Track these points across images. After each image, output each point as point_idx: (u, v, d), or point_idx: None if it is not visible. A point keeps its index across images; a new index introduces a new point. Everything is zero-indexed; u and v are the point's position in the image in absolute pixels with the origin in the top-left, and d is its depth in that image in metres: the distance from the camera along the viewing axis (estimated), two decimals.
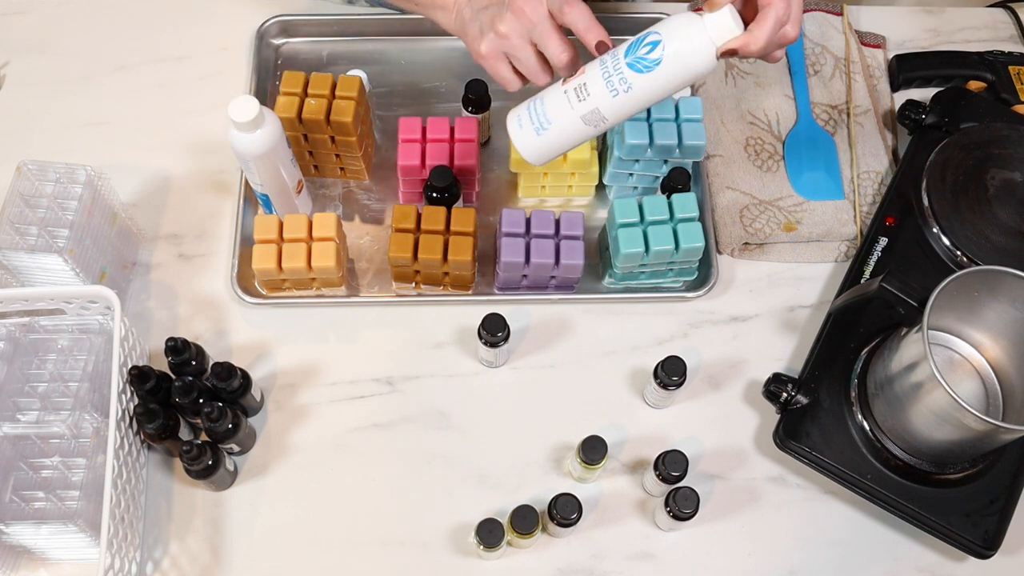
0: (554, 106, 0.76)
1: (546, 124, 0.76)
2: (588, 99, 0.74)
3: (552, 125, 0.76)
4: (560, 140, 0.77)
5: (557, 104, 0.75)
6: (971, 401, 0.76)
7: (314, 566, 0.86)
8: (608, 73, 0.73)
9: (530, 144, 0.77)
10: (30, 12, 1.15)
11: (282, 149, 0.91)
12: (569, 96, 0.75)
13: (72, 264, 0.88)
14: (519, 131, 0.77)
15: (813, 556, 0.88)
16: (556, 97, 0.76)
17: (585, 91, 0.74)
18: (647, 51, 0.72)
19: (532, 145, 0.77)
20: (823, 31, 1.12)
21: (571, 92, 0.75)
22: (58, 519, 0.83)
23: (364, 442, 0.92)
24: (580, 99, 0.74)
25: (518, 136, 0.77)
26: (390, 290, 0.99)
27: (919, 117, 1.04)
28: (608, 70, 0.73)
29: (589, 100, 0.74)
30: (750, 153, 1.05)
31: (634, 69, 0.72)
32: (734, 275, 1.01)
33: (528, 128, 0.77)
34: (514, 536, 0.82)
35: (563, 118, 0.75)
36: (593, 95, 0.74)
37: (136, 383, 0.85)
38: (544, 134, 0.76)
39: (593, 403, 0.94)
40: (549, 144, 0.77)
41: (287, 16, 1.12)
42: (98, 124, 1.08)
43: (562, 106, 0.75)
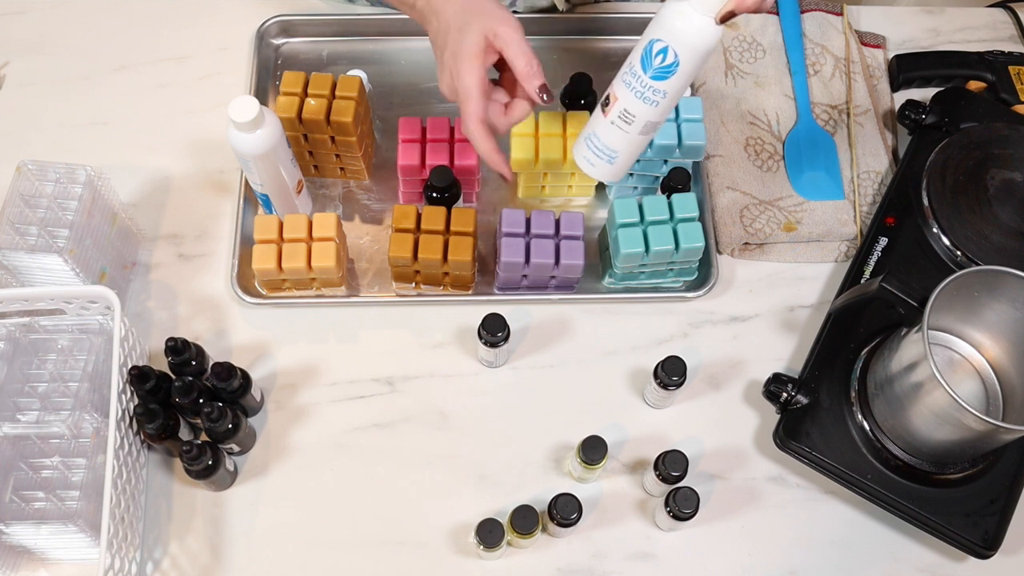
0: (611, 137, 0.82)
1: (613, 155, 0.83)
2: (636, 119, 0.80)
3: (619, 152, 0.83)
4: (630, 156, 0.84)
5: (612, 135, 0.82)
6: (971, 401, 0.76)
7: (314, 566, 0.86)
8: (640, 92, 0.78)
9: (608, 173, 0.85)
10: (30, 12, 1.15)
11: (282, 149, 0.91)
12: (618, 124, 0.81)
13: (72, 264, 0.88)
14: (594, 168, 0.85)
15: (813, 556, 0.88)
16: (608, 129, 0.82)
17: (629, 115, 0.80)
18: (661, 60, 0.76)
19: (610, 172, 0.85)
20: (823, 31, 1.12)
21: (618, 121, 0.81)
22: (58, 519, 0.83)
23: (364, 442, 0.92)
24: (629, 123, 0.80)
25: (595, 172, 0.85)
26: (390, 290, 0.99)
27: (919, 117, 1.04)
28: (639, 89, 0.78)
29: (637, 119, 0.80)
30: (750, 153, 1.05)
31: (660, 79, 0.77)
32: (734, 275, 1.01)
33: (601, 163, 0.84)
34: (514, 536, 0.82)
35: (624, 142, 0.82)
36: (638, 114, 0.80)
37: (136, 383, 0.85)
38: (616, 161, 0.84)
39: (593, 403, 0.94)
40: (622, 164, 0.85)
41: (287, 16, 1.12)
42: (98, 124, 1.08)
43: (618, 135, 0.82)
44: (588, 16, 1.13)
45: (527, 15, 1.12)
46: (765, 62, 1.10)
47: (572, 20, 1.13)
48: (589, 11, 1.14)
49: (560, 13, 1.13)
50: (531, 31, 1.10)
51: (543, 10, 1.13)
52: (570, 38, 1.14)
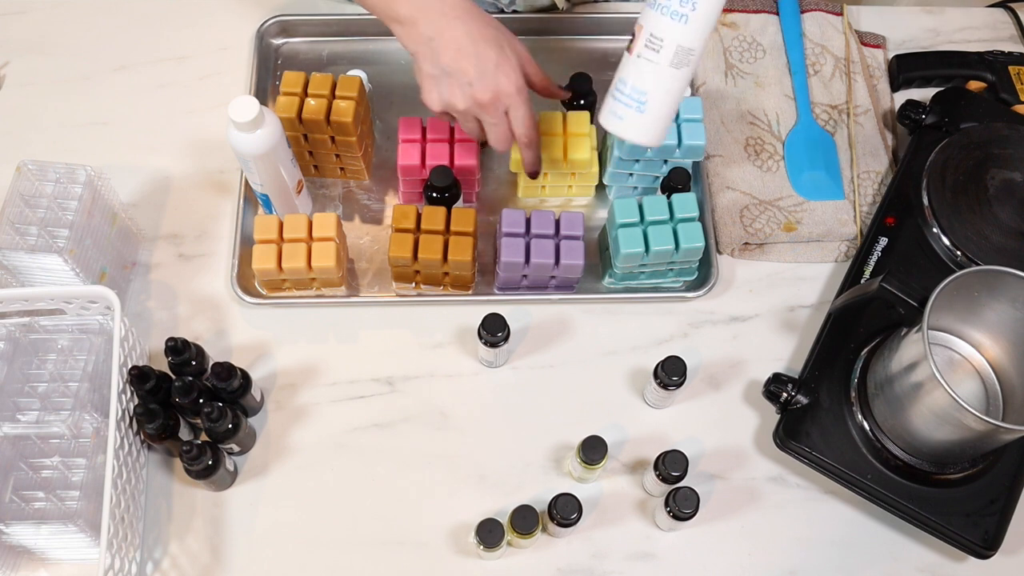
0: (638, 76, 0.72)
1: (643, 97, 0.72)
2: (664, 43, 0.70)
3: (648, 94, 0.72)
4: (664, 102, 0.73)
5: (640, 72, 0.71)
6: (971, 401, 0.76)
7: (314, 566, 0.86)
8: (666, 7, 0.69)
9: (639, 125, 0.73)
10: (30, 12, 1.15)
11: (282, 149, 0.91)
12: (646, 56, 0.71)
13: (72, 264, 0.88)
14: (622, 123, 0.73)
15: (813, 556, 0.88)
16: (635, 67, 0.71)
17: (657, 39, 0.70)
18: None
19: (642, 125, 0.73)
20: (823, 31, 1.12)
21: (645, 51, 0.71)
22: (58, 519, 0.83)
23: (364, 442, 0.92)
24: (657, 50, 0.71)
25: (623, 128, 0.73)
26: (390, 290, 0.99)
27: (919, 117, 1.04)
28: (664, 5, 0.69)
29: (666, 43, 0.70)
30: (750, 153, 1.05)
31: None
32: (734, 275, 1.01)
33: (629, 113, 0.72)
34: (514, 536, 0.82)
35: (654, 79, 0.72)
36: (666, 36, 0.70)
37: (136, 383, 0.85)
38: (647, 108, 0.72)
39: (593, 403, 0.94)
40: (655, 114, 0.73)
41: (287, 16, 1.12)
42: (98, 124, 1.08)
43: (646, 70, 0.71)
44: (588, 16, 1.13)
45: (527, 15, 1.13)
46: (765, 62, 1.10)
47: (572, 20, 1.13)
48: (589, 11, 1.14)
49: (560, 13, 1.13)
50: (531, 31, 1.11)
51: (543, 10, 1.13)
52: (570, 38, 1.14)
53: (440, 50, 0.84)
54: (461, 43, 0.83)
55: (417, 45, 0.86)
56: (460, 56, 0.83)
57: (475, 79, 0.83)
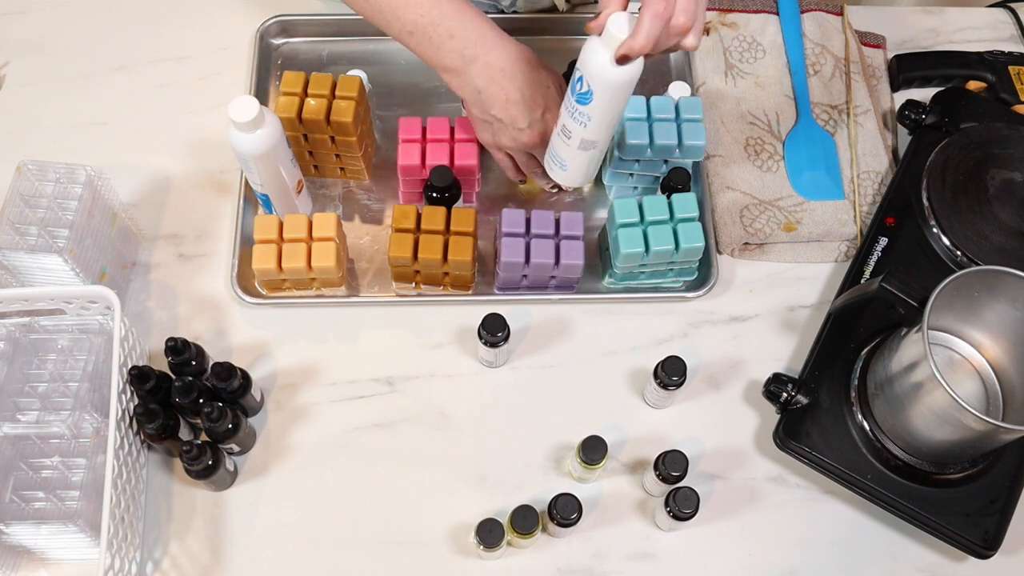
0: (558, 148, 0.88)
1: (563, 163, 0.88)
2: (572, 135, 0.84)
3: (567, 161, 0.88)
4: (580, 167, 0.89)
5: (559, 145, 0.87)
6: (971, 401, 0.76)
7: (314, 566, 0.86)
8: (571, 112, 0.83)
9: (563, 177, 0.91)
10: (30, 12, 1.15)
11: (282, 149, 0.91)
12: (561, 138, 0.86)
13: (72, 264, 0.88)
14: (553, 172, 0.91)
15: (813, 556, 0.88)
16: (556, 140, 0.88)
17: (567, 131, 0.85)
18: (579, 87, 0.80)
19: (566, 177, 0.90)
20: (823, 31, 1.12)
21: (560, 135, 0.86)
22: (58, 519, 0.83)
23: (364, 442, 0.92)
24: (568, 137, 0.85)
25: (554, 175, 0.91)
26: (390, 290, 0.99)
27: (919, 117, 1.04)
28: (570, 110, 0.83)
29: (573, 136, 0.84)
30: (750, 153, 1.05)
31: (581, 103, 0.81)
32: (734, 275, 1.01)
33: (556, 169, 0.90)
34: (514, 536, 0.82)
35: (569, 154, 0.87)
36: (572, 132, 0.84)
37: (136, 383, 0.85)
38: (568, 169, 0.89)
39: (593, 403, 0.94)
40: (574, 172, 0.89)
41: (287, 16, 1.12)
42: (98, 124, 1.08)
43: (563, 146, 0.87)
44: (588, 16, 1.13)
45: (527, 15, 1.12)
46: (765, 62, 1.10)
47: (572, 20, 1.13)
48: (589, 11, 1.14)
49: (560, 13, 1.13)
50: (531, 31, 1.11)
51: (543, 10, 1.13)
52: (570, 38, 1.14)
53: (489, 101, 0.89)
54: (510, 94, 0.88)
55: (466, 93, 0.91)
56: (509, 106, 0.89)
57: (525, 127, 0.90)
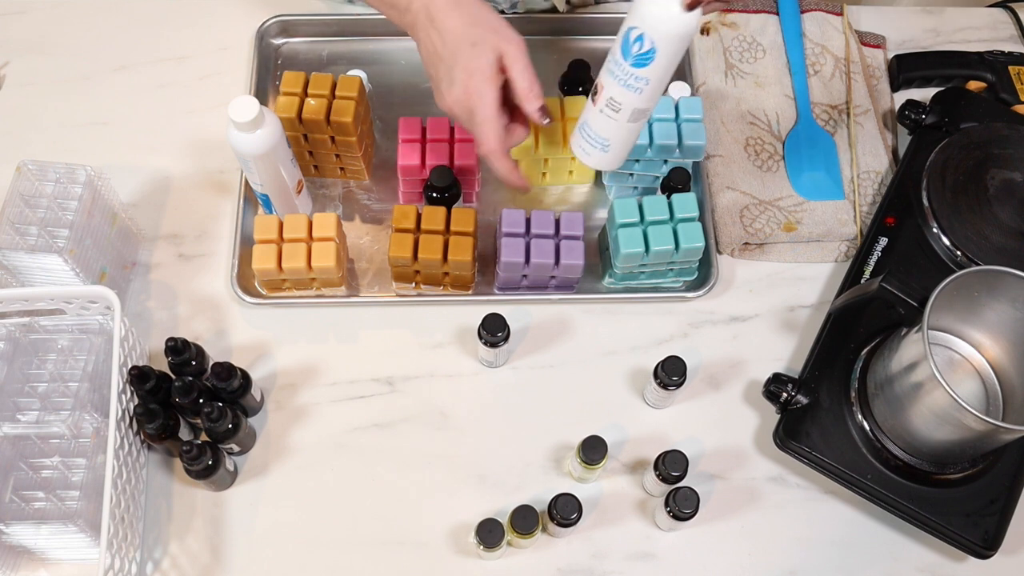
0: (601, 126, 0.83)
1: (606, 143, 0.84)
2: (622, 107, 0.80)
3: (611, 140, 0.84)
4: (623, 144, 0.85)
5: (602, 124, 0.83)
6: (971, 401, 0.76)
7: (314, 566, 0.86)
8: (623, 80, 0.78)
9: (604, 160, 0.86)
10: (30, 12, 1.15)
11: (282, 149, 0.91)
12: (607, 113, 0.81)
13: (72, 264, 0.88)
14: (589, 157, 0.86)
15: (813, 556, 0.88)
16: (597, 119, 0.83)
17: (615, 103, 0.80)
18: (639, 48, 0.76)
19: (606, 160, 0.86)
20: (823, 31, 1.12)
21: (606, 110, 0.81)
22: (58, 519, 0.83)
23: (364, 442, 0.92)
24: (617, 111, 0.80)
25: (592, 161, 0.86)
26: (390, 290, 0.99)
27: (919, 117, 1.04)
28: (621, 77, 0.78)
29: (624, 107, 0.80)
30: (750, 153, 1.05)
31: (639, 66, 0.77)
32: (734, 275, 1.01)
33: (595, 152, 0.85)
34: (514, 536, 0.82)
35: (614, 131, 0.83)
36: (623, 103, 0.80)
37: (136, 383, 0.85)
38: (610, 149, 0.84)
39: (593, 403, 0.94)
40: (617, 151, 0.85)
41: (287, 16, 1.12)
42: (98, 124, 1.08)
43: (607, 123, 0.82)
44: (588, 16, 1.13)
45: (527, 15, 1.12)
46: (765, 62, 1.10)
47: (572, 20, 1.13)
48: (589, 11, 1.14)
49: (560, 13, 1.13)
50: (531, 31, 1.11)
51: (543, 10, 1.13)
52: (570, 38, 1.14)
53: (420, 52, 0.83)
54: (436, 45, 0.81)
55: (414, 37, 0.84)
56: (432, 60, 0.82)
57: (444, 90, 0.82)
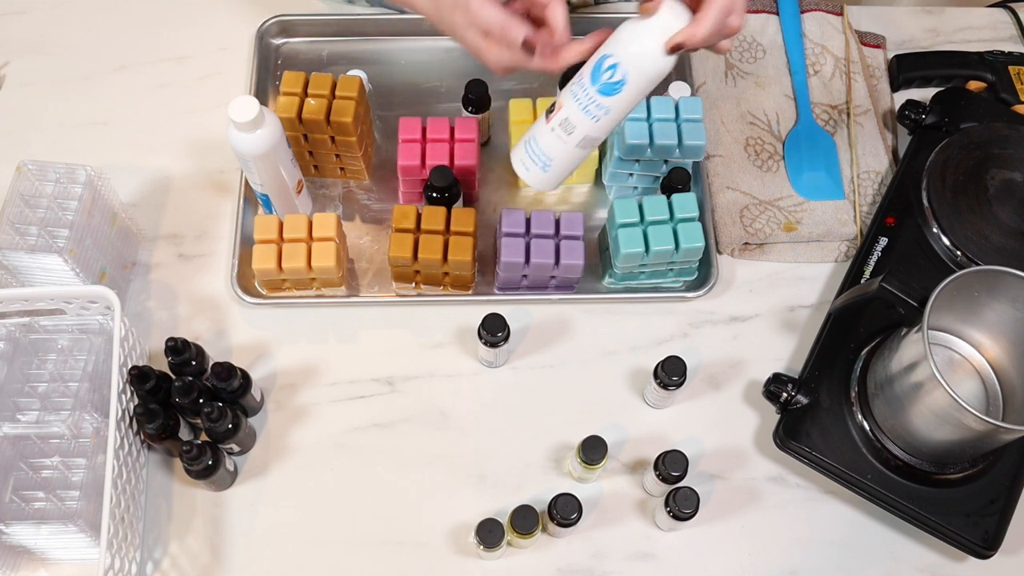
0: (548, 144, 0.81)
1: (548, 162, 0.81)
2: (575, 131, 0.79)
3: (553, 160, 0.81)
4: (564, 167, 0.83)
5: (550, 142, 0.80)
6: (971, 401, 0.76)
7: (314, 566, 0.86)
8: (584, 104, 0.77)
9: (541, 179, 0.83)
10: (30, 12, 1.15)
11: (282, 149, 0.91)
12: (557, 133, 0.80)
13: (72, 264, 0.88)
14: (528, 172, 0.83)
15: (813, 556, 0.88)
16: (546, 136, 0.81)
17: (570, 124, 0.79)
18: (609, 76, 0.75)
19: (543, 179, 0.83)
20: (823, 31, 1.12)
21: (558, 129, 0.79)
22: (58, 519, 0.83)
23: (364, 442, 0.92)
24: (568, 132, 0.79)
25: (529, 176, 0.83)
26: (390, 290, 0.99)
27: (919, 117, 1.04)
28: (583, 101, 0.77)
29: (576, 131, 0.79)
30: (750, 153, 1.05)
31: (605, 94, 0.76)
32: (734, 275, 1.01)
33: (534, 168, 0.82)
34: (514, 536, 0.82)
35: (560, 152, 0.81)
36: (578, 126, 0.78)
37: (136, 383, 0.85)
38: (550, 169, 0.82)
39: (593, 403, 0.94)
40: (556, 173, 0.83)
41: (287, 16, 1.12)
42: (98, 124, 1.08)
43: (555, 143, 0.80)
44: (588, 17, 1.13)
45: None
46: (765, 62, 1.10)
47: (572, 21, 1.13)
48: (589, 12, 1.14)
49: None
50: None
51: None
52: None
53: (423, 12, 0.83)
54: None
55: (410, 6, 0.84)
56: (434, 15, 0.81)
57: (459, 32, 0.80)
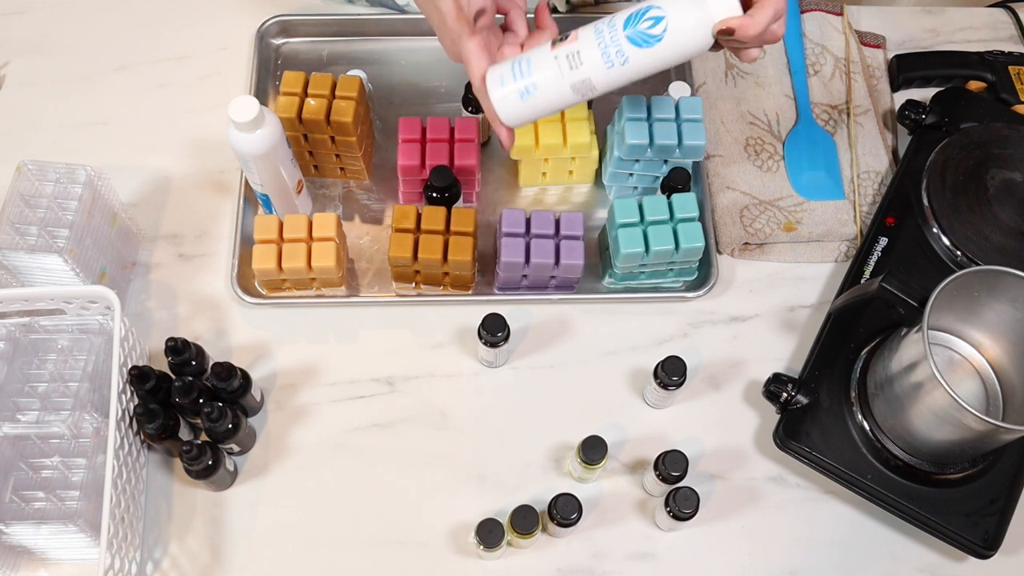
0: (543, 71, 0.72)
1: (532, 89, 0.73)
2: (581, 68, 0.71)
3: (538, 91, 0.73)
4: (543, 106, 0.74)
5: (546, 69, 0.72)
6: (971, 401, 0.76)
7: (314, 566, 0.86)
8: (604, 44, 0.71)
9: (509, 105, 0.74)
10: (30, 12, 1.15)
11: (282, 149, 0.91)
12: (560, 62, 0.72)
13: (72, 264, 0.88)
14: (500, 89, 0.73)
15: (813, 556, 0.88)
16: (545, 61, 0.72)
17: (578, 59, 0.71)
18: (649, 26, 0.69)
19: (511, 107, 0.74)
20: (823, 31, 1.12)
21: (562, 58, 0.72)
22: (58, 519, 0.83)
23: (364, 442, 0.92)
24: (572, 67, 0.72)
25: (499, 95, 0.73)
26: (390, 290, 0.99)
27: (919, 117, 1.04)
28: (605, 41, 0.71)
29: (582, 69, 0.71)
30: (750, 153, 1.05)
31: (633, 43, 0.70)
32: (734, 275, 1.01)
33: (511, 89, 0.73)
34: (514, 536, 0.82)
35: (551, 84, 0.72)
36: (587, 64, 0.71)
37: (136, 383, 0.85)
38: (528, 99, 0.73)
39: (593, 403, 0.94)
40: (531, 108, 0.74)
41: (287, 16, 1.12)
42: (98, 124, 1.08)
43: (551, 72, 0.72)
44: (588, 17, 1.13)
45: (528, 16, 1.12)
46: (765, 62, 1.10)
47: (573, 20, 1.13)
48: (589, 12, 1.14)
49: (560, 13, 1.13)
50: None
51: None
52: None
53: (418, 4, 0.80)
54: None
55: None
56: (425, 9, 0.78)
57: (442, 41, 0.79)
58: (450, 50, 0.79)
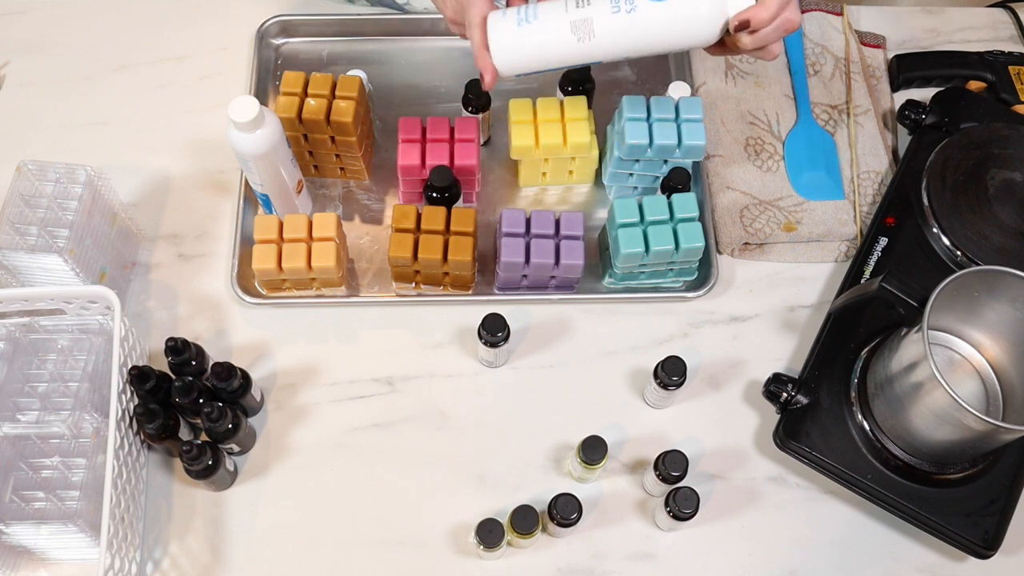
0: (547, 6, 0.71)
1: (532, 17, 0.70)
2: (587, 7, 0.69)
3: (538, 20, 0.70)
4: (538, 42, 0.71)
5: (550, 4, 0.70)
6: (971, 401, 0.76)
7: (314, 566, 0.86)
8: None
9: (505, 35, 0.71)
10: (30, 12, 1.15)
11: (282, 149, 0.91)
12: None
13: (72, 264, 0.88)
14: (501, 18, 0.71)
15: (813, 556, 0.88)
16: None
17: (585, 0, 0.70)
18: None
19: (507, 38, 0.71)
20: (823, 31, 1.12)
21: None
22: (58, 519, 0.83)
23: (364, 442, 0.92)
24: (578, 4, 0.70)
25: (496, 24, 0.71)
26: (390, 290, 0.99)
27: (919, 117, 1.04)
28: None
29: (587, 8, 0.69)
30: (750, 153, 1.05)
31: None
32: (734, 275, 1.01)
33: (511, 17, 0.71)
34: (514, 536, 0.82)
35: (552, 16, 0.70)
36: (594, 3, 0.69)
37: (136, 383, 0.85)
38: (526, 27, 0.70)
39: (593, 403, 0.94)
40: (524, 43, 0.71)
41: (287, 16, 1.12)
42: (98, 124, 1.08)
43: (556, 8, 0.70)
44: None
45: None
46: (765, 62, 1.10)
47: None
48: None
49: None
50: None
51: None
52: None
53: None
54: None
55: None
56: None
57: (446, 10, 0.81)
58: (451, 6, 0.79)
